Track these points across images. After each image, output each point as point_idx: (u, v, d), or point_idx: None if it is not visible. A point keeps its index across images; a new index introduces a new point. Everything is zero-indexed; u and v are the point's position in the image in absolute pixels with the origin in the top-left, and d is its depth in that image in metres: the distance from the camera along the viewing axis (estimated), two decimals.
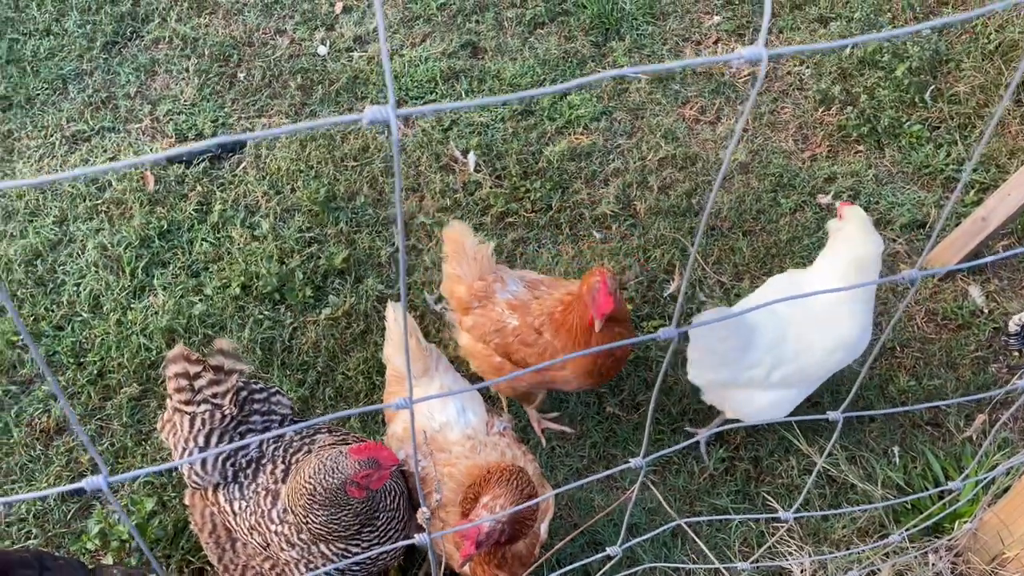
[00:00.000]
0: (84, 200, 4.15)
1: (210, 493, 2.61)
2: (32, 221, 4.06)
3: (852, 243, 3.01)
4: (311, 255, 3.99)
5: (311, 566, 2.51)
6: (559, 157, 4.52)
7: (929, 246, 1.53)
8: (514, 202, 4.30)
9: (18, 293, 3.74)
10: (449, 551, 2.62)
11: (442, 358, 2.85)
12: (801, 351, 2.95)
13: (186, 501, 2.74)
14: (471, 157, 4.49)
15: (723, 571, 2.86)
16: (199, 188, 4.27)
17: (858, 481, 3.24)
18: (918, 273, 1.30)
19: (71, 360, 3.52)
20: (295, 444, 2.62)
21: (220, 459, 2.56)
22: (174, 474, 3.17)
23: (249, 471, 2.56)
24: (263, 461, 2.57)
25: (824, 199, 4.39)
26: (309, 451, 2.56)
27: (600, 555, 1.93)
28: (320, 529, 2.44)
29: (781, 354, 2.93)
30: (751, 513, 3.23)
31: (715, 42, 5.07)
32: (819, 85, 4.83)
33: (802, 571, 2.85)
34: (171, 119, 4.52)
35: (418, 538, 1.44)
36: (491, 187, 4.35)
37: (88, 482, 1.20)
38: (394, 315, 2.80)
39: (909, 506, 3.21)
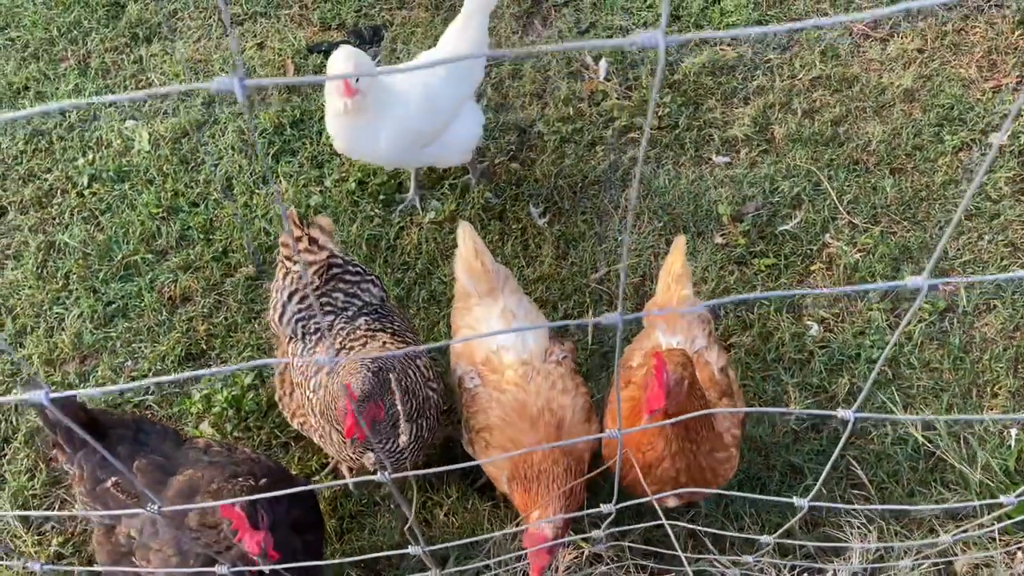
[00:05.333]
0: None
1: (286, 342, 2.84)
2: (184, 100, 4.37)
3: None
4: None
5: (323, 440, 2.70)
6: (697, 70, 4.21)
7: None
8: (640, 116, 4.09)
9: (164, 168, 4.07)
10: (492, 474, 2.69)
11: (510, 279, 2.83)
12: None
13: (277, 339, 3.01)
14: (603, 64, 4.29)
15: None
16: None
17: (955, 461, 2.96)
18: None
19: (201, 236, 3.83)
20: (358, 333, 2.73)
21: (293, 318, 2.80)
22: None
23: (313, 338, 2.75)
24: (327, 335, 2.73)
25: (998, 139, 3.84)
26: (365, 344, 2.66)
27: None
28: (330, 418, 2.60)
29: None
30: (830, 478, 3.04)
31: None
32: (1021, 3, 4.13)
33: (864, 540, 2.69)
34: (317, 7, 4.62)
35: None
36: (617, 98, 4.16)
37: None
38: (464, 233, 2.79)
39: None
